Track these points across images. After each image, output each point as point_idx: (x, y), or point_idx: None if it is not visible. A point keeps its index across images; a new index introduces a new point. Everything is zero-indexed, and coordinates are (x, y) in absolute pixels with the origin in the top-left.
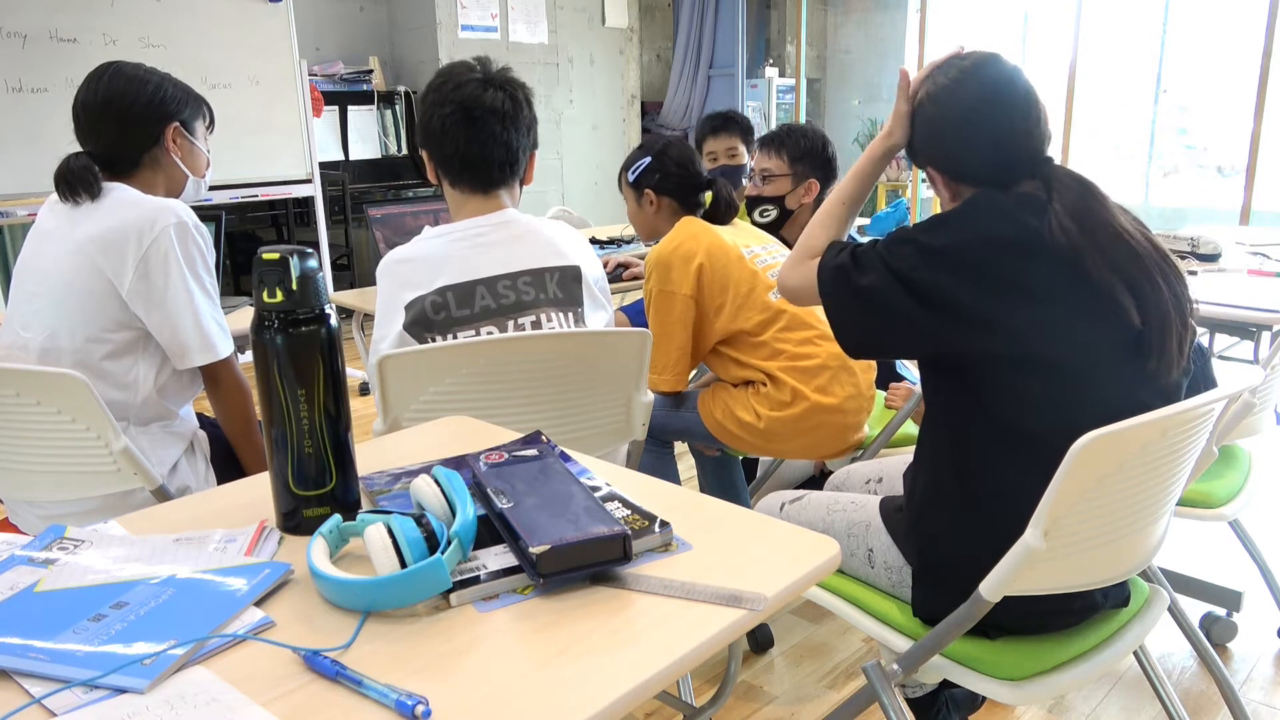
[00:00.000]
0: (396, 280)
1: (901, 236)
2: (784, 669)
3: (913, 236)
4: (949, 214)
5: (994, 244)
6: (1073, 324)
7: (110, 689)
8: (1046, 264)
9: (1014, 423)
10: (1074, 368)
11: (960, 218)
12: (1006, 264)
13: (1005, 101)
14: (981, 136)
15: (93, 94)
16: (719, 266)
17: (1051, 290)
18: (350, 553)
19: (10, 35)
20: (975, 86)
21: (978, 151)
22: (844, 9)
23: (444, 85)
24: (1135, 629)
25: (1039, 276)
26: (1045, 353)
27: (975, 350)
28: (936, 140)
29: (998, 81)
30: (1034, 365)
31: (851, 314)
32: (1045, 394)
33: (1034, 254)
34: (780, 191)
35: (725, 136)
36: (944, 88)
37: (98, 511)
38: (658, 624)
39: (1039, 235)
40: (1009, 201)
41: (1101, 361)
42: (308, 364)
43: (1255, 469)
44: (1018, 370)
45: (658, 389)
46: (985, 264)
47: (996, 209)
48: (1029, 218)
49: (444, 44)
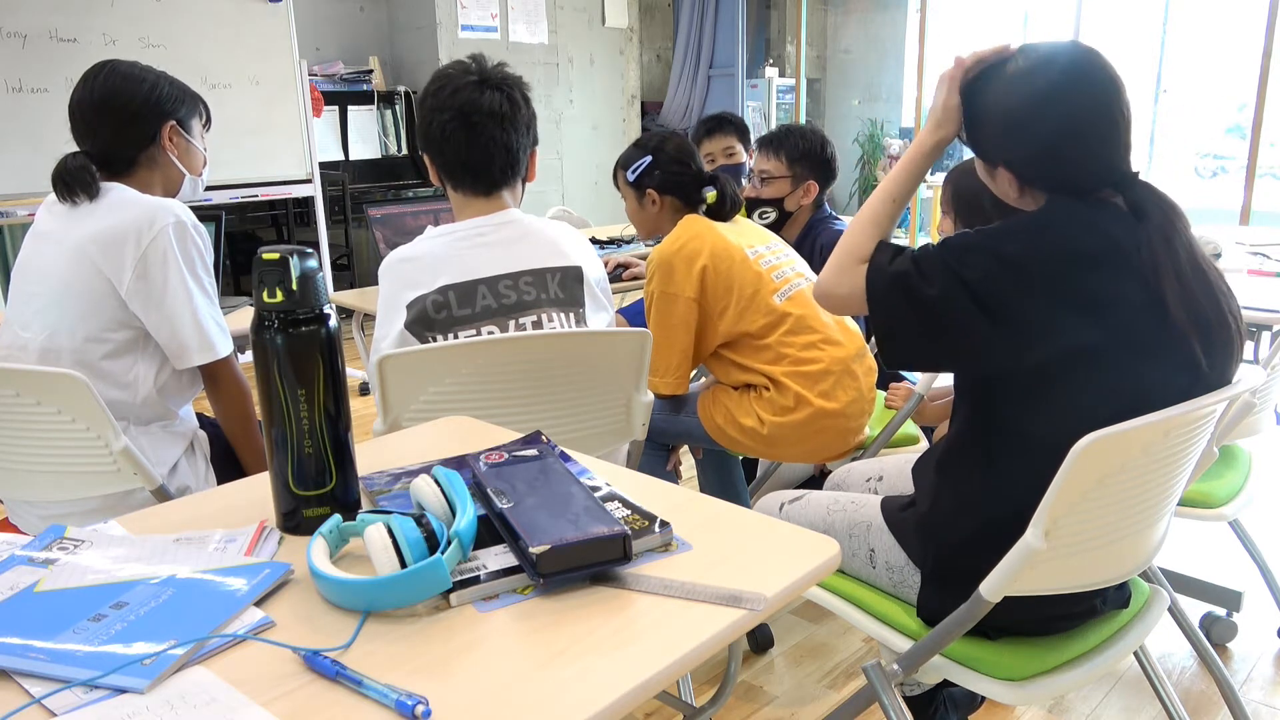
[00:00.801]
0: (398, 279)
1: (971, 244)
2: (784, 669)
3: (985, 244)
4: (1024, 221)
5: (1075, 257)
6: (1136, 343)
7: (110, 689)
8: (1128, 280)
9: (1056, 434)
10: (1126, 386)
11: (1038, 223)
12: (1086, 278)
13: (1099, 92)
14: (1065, 135)
15: (89, 93)
16: (723, 268)
17: (1125, 304)
18: (350, 553)
19: (10, 35)
20: (1058, 75)
21: (1061, 152)
22: (844, 9)
23: (441, 90)
24: (1135, 629)
25: (1117, 290)
26: (1101, 362)
27: (1031, 361)
28: (1010, 134)
29: (1088, 69)
30: (1084, 376)
31: (908, 325)
32: (1092, 406)
33: (1117, 269)
34: (779, 194)
35: (721, 137)
36: (1022, 72)
37: (98, 511)
38: (658, 624)
39: (1120, 249)
40: (1089, 209)
41: (1154, 386)
42: (308, 364)
43: (1255, 469)
44: (1067, 381)
45: (657, 392)
46: (1063, 277)
47: (1078, 218)
48: (1113, 227)
49: (444, 44)
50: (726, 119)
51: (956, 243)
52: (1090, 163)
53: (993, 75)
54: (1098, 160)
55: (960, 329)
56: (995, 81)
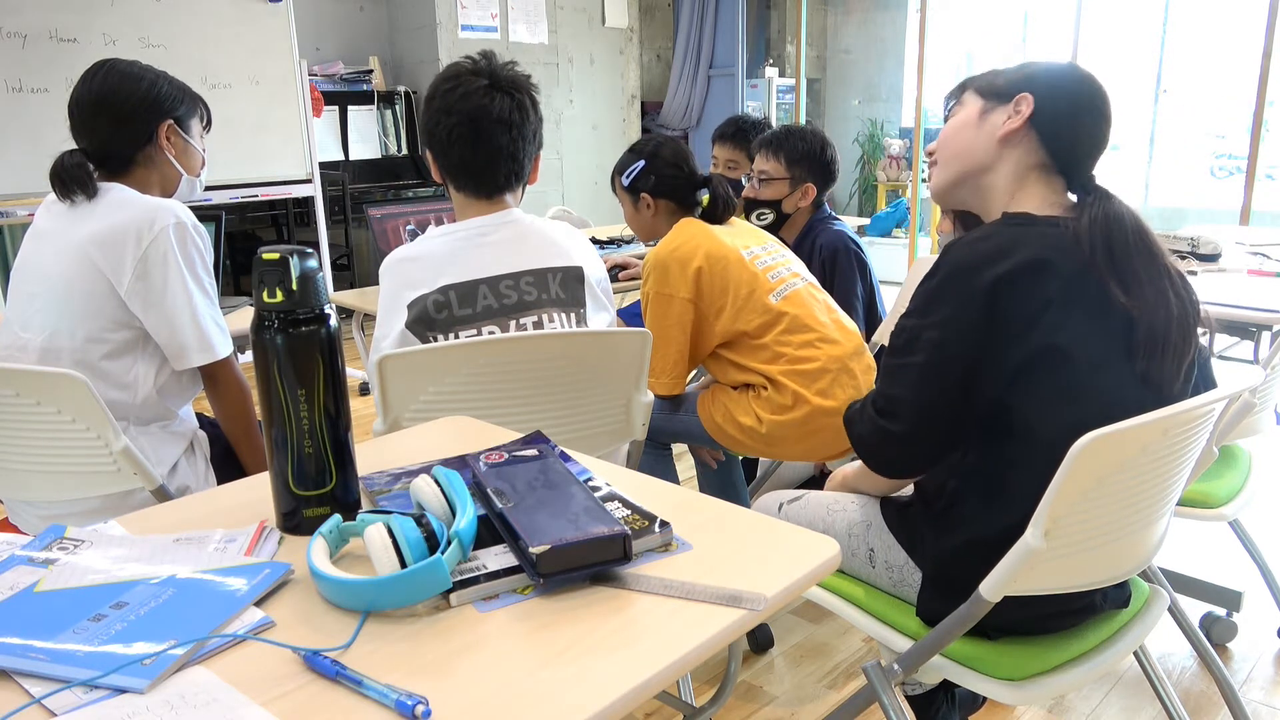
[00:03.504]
0: (399, 279)
1: (906, 335)
2: (784, 669)
3: (913, 325)
4: (933, 291)
5: (1006, 278)
6: (1083, 323)
7: (110, 689)
8: (1056, 277)
9: (1027, 425)
10: (1083, 367)
11: (944, 280)
12: (1023, 293)
13: (1098, 94)
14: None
15: (87, 91)
16: (718, 269)
17: (1059, 296)
18: (350, 553)
19: (10, 35)
20: (1073, 68)
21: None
22: (844, 9)
23: (450, 91)
24: (1135, 629)
25: (1052, 289)
26: (1062, 348)
27: (1017, 357)
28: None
29: (1092, 79)
30: (1050, 365)
31: (906, 438)
32: (1059, 396)
33: (1044, 270)
34: (778, 195)
35: (731, 148)
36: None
37: (98, 511)
38: (658, 624)
39: (1052, 244)
40: (1027, 229)
41: (1104, 364)
42: (308, 364)
43: (1255, 469)
44: (1051, 374)
45: (655, 392)
46: (1000, 301)
47: (1014, 244)
48: (1043, 229)
49: (444, 44)
50: (743, 130)
51: (896, 344)
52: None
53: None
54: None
55: (944, 403)
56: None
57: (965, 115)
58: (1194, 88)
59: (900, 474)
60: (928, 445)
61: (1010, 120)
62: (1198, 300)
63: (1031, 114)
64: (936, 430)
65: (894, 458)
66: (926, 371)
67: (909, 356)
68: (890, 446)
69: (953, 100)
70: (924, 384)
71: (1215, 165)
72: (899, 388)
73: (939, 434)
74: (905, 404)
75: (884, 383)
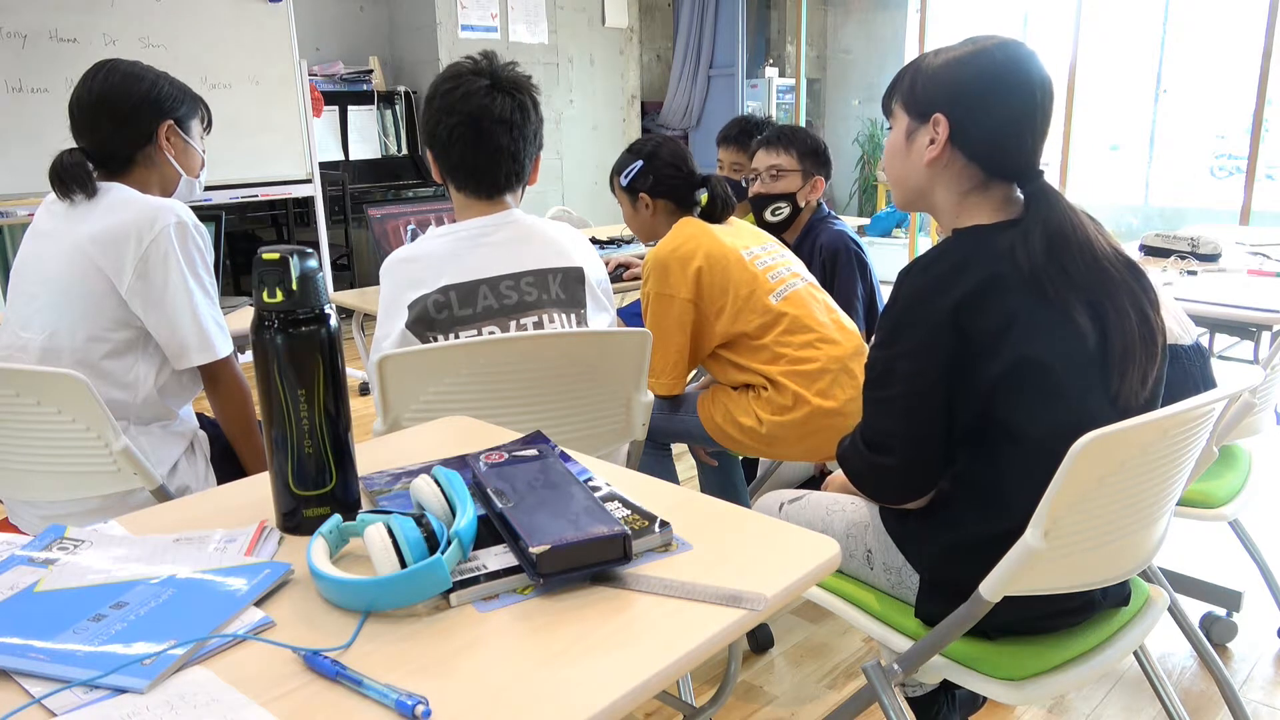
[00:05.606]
0: (400, 279)
1: (880, 368)
2: (784, 669)
3: (885, 356)
4: (896, 320)
5: (967, 300)
6: (1046, 334)
7: (110, 689)
8: (1011, 292)
9: (1014, 428)
10: (1059, 370)
11: (906, 308)
12: (987, 311)
13: (1019, 85)
14: (992, 118)
15: (87, 91)
16: (718, 269)
17: (1022, 310)
18: (350, 553)
19: (10, 35)
20: (988, 62)
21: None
22: (844, 9)
23: (451, 91)
24: (1135, 629)
25: (1012, 303)
26: (1035, 357)
27: (990, 382)
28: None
29: (1011, 62)
30: (1028, 373)
31: (902, 469)
32: (1044, 398)
33: (1000, 285)
34: (792, 188)
35: (737, 151)
36: (957, 58)
37: (98, 511)
38: (658, 624)
39: (1002, 264)
40: (981, 241)
41: (1070, 373)
42: (308, 364)
43: (1255, 469)
44: (1011, 378)
45: (655, 392)
46: (964, 322)
47: (967, 263)
48: (995, 239)
49: (444, 44)
50: (747, 131)
51: (871, 378)
52: (1001, 142)
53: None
54: (1008, 141)
55: (931, 424)
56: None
57: (895, 139)
58: (1194, 88)
59: (905, 503)
60: (924, 472)
61: (930, 148)
62: (1155, 295)
63: (950, 134)
64: (930, 456)
65: (895, 488)
66: (910, 402)
67: (888, 389)
68: (889, 481)
69: (887, 113)
70: (909, 415)
71: (1215, 165)
72: (886, 420)
73: (933, 459)
74: (895, 437)
75: (870, 416)
